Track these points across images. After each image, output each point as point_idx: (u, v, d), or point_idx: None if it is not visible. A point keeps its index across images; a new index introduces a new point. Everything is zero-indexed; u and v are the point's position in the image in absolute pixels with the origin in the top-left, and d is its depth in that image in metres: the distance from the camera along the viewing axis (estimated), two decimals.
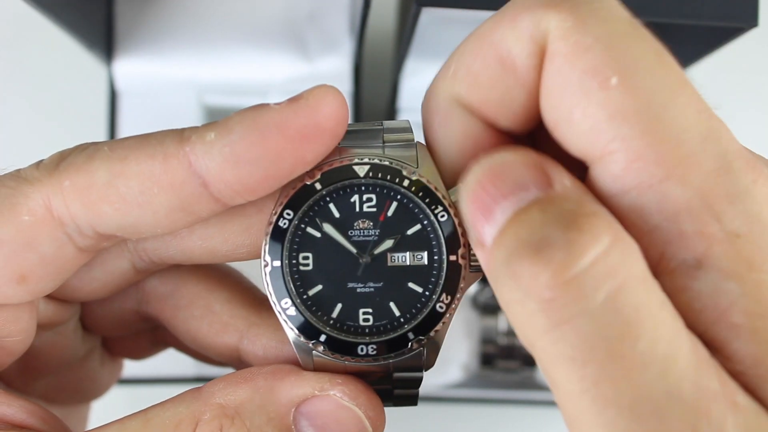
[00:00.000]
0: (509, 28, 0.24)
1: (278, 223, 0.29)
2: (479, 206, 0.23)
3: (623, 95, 0.22)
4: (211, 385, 0.28)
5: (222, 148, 0.26)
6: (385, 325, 0.29)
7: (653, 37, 0.25)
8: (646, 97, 0.23)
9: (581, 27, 0.23)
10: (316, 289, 0.29)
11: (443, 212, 0.29)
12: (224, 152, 0.26)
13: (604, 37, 0.23)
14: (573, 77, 0.23)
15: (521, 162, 0.23)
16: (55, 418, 0.30)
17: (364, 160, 0.29)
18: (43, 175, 0.27)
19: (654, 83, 0.23)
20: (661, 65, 0.24)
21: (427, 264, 0.29)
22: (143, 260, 0.31)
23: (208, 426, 0.27)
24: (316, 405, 0.28)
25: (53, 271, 0.28)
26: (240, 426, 0.27)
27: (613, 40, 0.23)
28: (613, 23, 0.23)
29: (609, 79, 0.23)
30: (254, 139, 0.25)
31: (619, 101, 0.22)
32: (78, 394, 0.38)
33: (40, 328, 0.31)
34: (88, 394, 0.39)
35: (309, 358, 0.29)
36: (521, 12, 0.24)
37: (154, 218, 0.27)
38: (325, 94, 0.26)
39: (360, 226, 0.29)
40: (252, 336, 0.32)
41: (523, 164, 0.23)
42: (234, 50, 0.66)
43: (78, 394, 0.38)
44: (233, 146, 0.25)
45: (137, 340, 0.39)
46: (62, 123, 0.72)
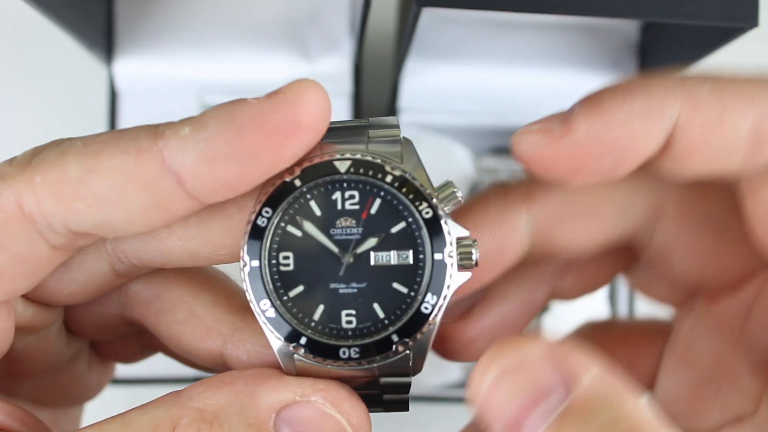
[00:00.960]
0: None
1: (257, 222, 0.28)
2: (503, 418, 0.23)
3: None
4: (191, 388, 0.28)
5: (197, 144, 0.25)
6: (369, 327, 0.28)
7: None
8: None
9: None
10: (297, 290, 0.28)
11: (428, 209, 0.27)
12: (199, 148, 0.25)
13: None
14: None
15: (541, 357, 0.24)
16: (36, 420, 0.29)
17: (345, 155, 0.28)
18: (15, 171, 0.26)
19: None
20: None
21: (412, 263, 0.28)
22: (123, 263, 0.31)
23: (186, 431, 0.26)
24: (298, 411, 0.27)
25: (26, 269, 0.27)
26: (218, 431, 0.26)
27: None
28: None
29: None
30: (230, 134, 0.25)
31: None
32: (66, 396, 0.37)
33: (22, 332, 0.31)
34: (78, 397, 0.38)
35: (291, 362, 0.28)
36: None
37: (128, 216, 0.26)
38: (305, 89, 0.25)
39: (342, 225, 0.28)
40: (236, 341, 0.31)
41: (544, 360, 0.24)
42: (234, 50, 0.66)
43: (66, 397, 0.37)
44: (208, 142, 0.25)
45: (125, 344, 0.39)
46: (62, 123, 0.72)
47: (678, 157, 0.27)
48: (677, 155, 0.27)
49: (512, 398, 0.24)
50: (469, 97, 0.69)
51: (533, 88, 0.69)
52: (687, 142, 0.26)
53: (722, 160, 0.26)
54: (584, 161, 0.26)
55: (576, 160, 0.26)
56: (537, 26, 0.68)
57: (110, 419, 0.27)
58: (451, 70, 0.68)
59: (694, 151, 0.26)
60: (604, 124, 0.26)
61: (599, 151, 0.26)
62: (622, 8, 0.46)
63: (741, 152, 0.26)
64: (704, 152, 0.26)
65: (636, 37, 0.69)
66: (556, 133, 0.26)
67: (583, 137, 0.26)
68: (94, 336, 0.36)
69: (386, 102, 0.74)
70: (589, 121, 0.26)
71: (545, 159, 0.27)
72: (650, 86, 0.26)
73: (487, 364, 0.25)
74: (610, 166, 0.26)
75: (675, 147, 0.26)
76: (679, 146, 0.26)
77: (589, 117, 0.26)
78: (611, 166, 0.26)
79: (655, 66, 0.67)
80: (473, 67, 0.68)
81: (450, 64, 0.68)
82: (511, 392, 0.24)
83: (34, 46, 0.72)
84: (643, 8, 0.46)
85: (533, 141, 0.27)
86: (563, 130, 0.26)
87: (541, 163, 0.27)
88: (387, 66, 0.75)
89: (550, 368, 0.24)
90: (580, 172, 0.27)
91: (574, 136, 0.26)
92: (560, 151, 0.26)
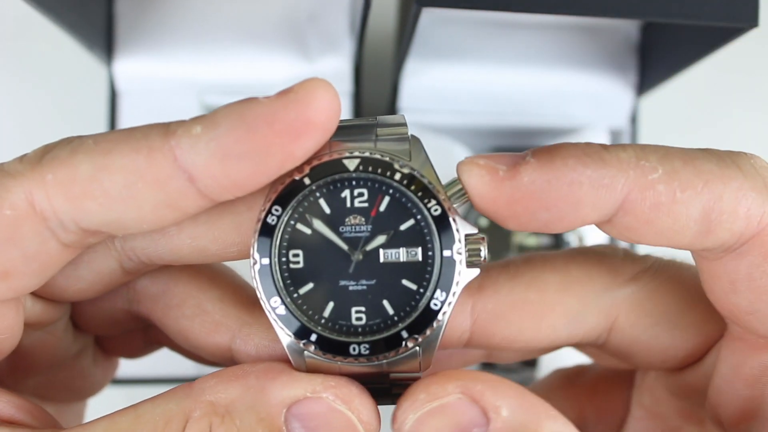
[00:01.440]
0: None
1: (267, 220, 0.28)
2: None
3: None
4: (202, 381, 0.28)
5: (208, 143, 0.25)
6: (379, 324, 0.28)
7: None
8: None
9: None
10: (307, 287, 0.28)
11: (437, 206, 0.28)
12: (210, 146, 0.25)
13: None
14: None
15: (460, 396, 0.26)
16: (45, 413, 0.29)
17: (354, 153, 0.28)
18: (26, 168, 0.26)
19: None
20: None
21: (421, 260, 0.28)
22: (131, 260, 0.31)
23: (198, 424, 0.27)
24: (308, 407, 0.27)
25: (37, 267, 0.28)
26: (230, 425, 0.27)
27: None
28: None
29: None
30: (242, 133, 0.25)
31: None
32: (71, 391, 0.38)
33: (29, 328, 0.31)
34: (82, 392, 0.38)
35: (301, 359, 0.28)
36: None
37: (139, 214, 0.26)
38: (316, 88, 0.25)
39: (351, 222, 0.28)
40: (244, 335, 0.31)
41: (463, 397, 0.26)
42: (234, 50, 0.66)
43: (71, 392, 0.38)
44: (220, 140, 0.25)
45: (130, 338, 0.39)
46: (63, 123, 0.72)
47: (623, 230, 0.27)
48: (623, 228, 0.27)
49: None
50: (469, 97, 0.69)
51: (533, 88, 0.69)
52: (634, 219, 0.26)
53: (669, 239, 0.26)
54: (521, 209, 0.26)
55: (513, 206, 0.26)
56: (537, 26, 0.68)
57: (123, 411, 0.28)
58: (451, 70, 0.68)
59: (640, 227, 0.26)
60: (550, 180, 0.26)
61: (538, 204, 0.26)
62: (622, 8, 0.46)
63: (689, 234, 0.26)
64: (651, 231, 0.26)
65: (636, 37, 0.69)
66: (500, 174, 0.26)
67: (525, 186, 0.26)
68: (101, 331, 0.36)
69: (386, 102, 0.74)
70: (536, 172, 0.26)
71: (484, 196, 0.27)
72: (606, 156, 0.26)
73: (408, 407, 0.27)
74: (546, 221, 0.26)
75: (620, 221, 0.26)
76: (625, 222, 0.26)
77: (537, 169, 0.26)
78: (548, 222, 0.26)
79: (655, 66, 0.67)
80: (473, 67, 0.68)
81: (450, 64, 0.68)
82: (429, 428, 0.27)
83: (34, 47, 0.72)
84: (643, 8, 0.46)
85: (476, 174, 0.27)
86: (507, 174, 0.26)
87: (479, 199, 0.27)
88: (387, 66, 0.75)
89: (469, 405, 0.26)
90: (514, 218, 0.27)
91: (516, 182, 0.26)
92: (499, 193, 0.26)
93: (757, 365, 0.28)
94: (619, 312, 0.30)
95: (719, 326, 0.30)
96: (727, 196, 0.26)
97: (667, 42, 0.64)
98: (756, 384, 0.28)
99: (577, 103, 0.69)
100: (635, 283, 0.30)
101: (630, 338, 0.31)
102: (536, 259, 0.31)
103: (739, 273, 0.27)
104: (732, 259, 0.27)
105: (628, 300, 0.30)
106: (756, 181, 0.26)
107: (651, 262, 0.31)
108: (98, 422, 0.27)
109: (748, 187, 0.26)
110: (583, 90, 0.68)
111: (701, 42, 0.55)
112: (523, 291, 0.30)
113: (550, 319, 0.30)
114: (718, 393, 0.30)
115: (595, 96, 0.69)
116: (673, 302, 0.30)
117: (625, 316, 0.30)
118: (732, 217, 0.26)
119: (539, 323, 0.30)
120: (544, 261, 0.31)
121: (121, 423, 0.27)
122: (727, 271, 0.27)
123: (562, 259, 0.31)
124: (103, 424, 0.27)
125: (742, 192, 0.26)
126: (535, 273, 0.30)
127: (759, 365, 0.28)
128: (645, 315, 0.30)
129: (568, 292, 0.30)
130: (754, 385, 0.29)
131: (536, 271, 0.30)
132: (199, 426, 0.27)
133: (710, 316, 0.30)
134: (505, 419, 0.26)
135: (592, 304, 0.30)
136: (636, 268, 0.31)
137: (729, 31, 0.49)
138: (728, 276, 0.27)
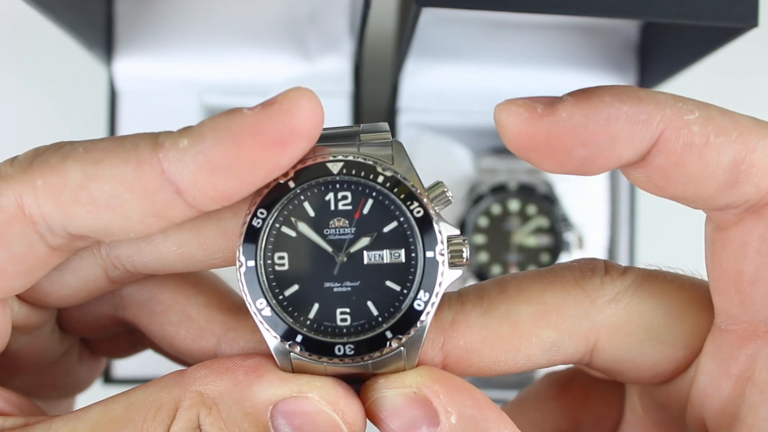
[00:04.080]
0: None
1: (252, 223, 0.28)
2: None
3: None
4: (194, 370, 0.28)
5: (195, 156, 0.25)
6: (363, 325, 0.28)
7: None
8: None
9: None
10: (292, 289, 0.29)
11: (419, 208, 0.28)
12: (197, 160, 0.25)
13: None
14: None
15: (412, 395, 0.28)
16: (34, 406, 0.30)
17: (338, 157, 0.28)
18: (17, 171, 0.27)
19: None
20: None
21: (405, 261, 0.28)
22: (117, 268, 0.31)
23: (186, 413, 0.27)
24: (295, 405, 0.28)
25: (24, 268, 0.28)
26: (216, 417, 0.27)
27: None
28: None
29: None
30: (228, 146, 0.25)
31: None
32: (57, 389, 0.38)
33: (16, 332, 0.31)
34: (68, 390, 0.39)
35: (287, 360, 0.28)
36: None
37: (127, 222, 0.27)
38: (299, 97, 0.25)
39: (335, 225, 0.29)
40: (229, 340, 0.32)
41: (411, 401, 0.28)
42: (234, 50, 0.66)
43: (57, 390, 0.38)
44: (206, 153, 0.25)
45: (116, 340, 0.39)
46: (62, 123, 0.72)
47: (654, 172, 0.27)
48: (654, 170, 0.27)
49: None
50: (469, 97, 0.69)
51: (533, 88, 0.69)
52: (666, 158, 0.26)
53: (697, 186, 0.26)
54: (559, 146, 0.26)
55: (551, 143, 0.26)
56: (537, 26, 0.68)
57: (115, 397, 0.28)
58: (451, 70, 0.68)
59: (671, 169, 0.26)
60: (587, 115, 0.26)
61: (576, 140, 0.26)
62: (622, 8, 0.46)
63: (717, 183, 0.26)
64: (681, 173, 0.26)
65: (636, 37, 0.69)
66: (539, 111, 0.26)
67: (563, 121, 0.26)
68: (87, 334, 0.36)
69: (386, 102, 0.74)
70: (573, 108, 0.26)
71: (522, 134, 0.26)
72: (642, 95, 0.26)
73: (369, 386, 0.29)
74: (583, 159, 0.26)
75: (653, 161, 0.26)
76: (658, 161, 0.26)
77: (575, 105, 0.26)
78: (585, 160, 0.26)
79: (655, 66, 0.67)
80: (473, 67, 0.68)
81: (450, 64, 0.68)
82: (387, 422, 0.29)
83: (34, 47, 0.72)
84: (643, 8, 0.46)
85: (514, 112, 0.27)
86: (545, 111, 0.26)
87: (517, 137, 0.27)
88: (387, 66, 0.75)
89: (421, 403, 0.28)
90: (552, 156, 0.27)
91: (554, 118, 0.26)
92: (537, 129, 0.26)
93: (743, 358, 0.28)
94: (599, 335, 0.30)
95: (706, 336, 0.30)
96: (760, 149, 0.25)
97: (667, 42, 0.64)
98: (740, 379, 0.28)
99: None
100: (615, 304, 0.30)
101: (613, 358, 0.30)
102: (511, 289, 0.30)
103: (754, 235, 0.27)
104: (750, 219, 0.27)
105: (607, 323, 0.30)
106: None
107: (632, 278, 0.30)
108: (92, 408, 0.28)
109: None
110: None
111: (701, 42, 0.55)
112: (496, 326, 0.30)
113: (526, 350, 0.30)
114: (703, 394, 0.30)
115: None
116: (658, 318, 0.30)
117: (606, 338, 0.30)
118: (761, 171, 0.25)
119: (514, 355, 0.30)
120: (519, 291, 0.30)
121: (114, 410, 0.27)
122: (742, 232, 0.27)
123: (538, 287, 0.30)
124: (97, 410, 0.28)
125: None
126: (509, 305, 0.30)
127: (746, 357, 0.28)
128: (627, 335, 0.30)
129: (543, 323, 0.30)
130: (738, 380, 0.28)
131: (510, 303, 0.30)
132: (187, 415, 0.27)
133: (697, 326, 0.30)
134: (453, 426, 0.27)
135: (569, 332, 0.30)
136: (616, 288, 0.30)
137: (729, 31, 0.49)
138: (741, 238, 0.27)
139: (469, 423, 0.28)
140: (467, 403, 0.28)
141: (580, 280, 0.30)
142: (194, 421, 0.27)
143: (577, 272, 0.30)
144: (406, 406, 0.28)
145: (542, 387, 0.38)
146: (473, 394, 0.28)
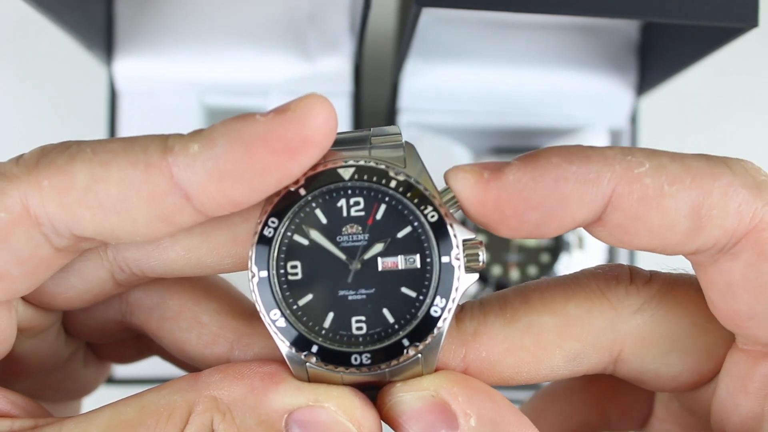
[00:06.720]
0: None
1: (263, 232, 0.28)
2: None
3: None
4: (208, 374, 0.28)
5: (205, 162, 0.25)
6: (379, 333, 0.28)
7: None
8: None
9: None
10: (306, 298, 0.28)
11: (433, 212, 0.27)
12: (208, 166, 0.25)
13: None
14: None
15: (427, 403, 0.27)
16: (41, 408, 0.29)
17: (349, 162, 0.28)
18: (23, 171, 0.26)
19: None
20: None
21: (420, 267, 0.28)
22: (123, 271, 0.30)
23: (200, 418, 0.27)
24: (310, 414, 0.27)
25: (29, 270, 0.27)
26: (230, 423, 0.27)
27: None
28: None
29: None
30: (239, 152, 0.25)
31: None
32: (62, 392, 0.38)
33: (21, 335, 0.31)
34: (74, 393, 0.38)
35: (302, 370, 0.28)
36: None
37: (133, 226, 0.26)
38: (313, 105, 0.25)
39: (348, 231, 0.28)
40: (243, 346, 0.31)
41: (429, 405, 0.27)
42: (234, 50, 0.66)
43: (62, 393, 0.38)
44: (217, 160, 0.25)
45: (122, 346, 0.39)
46: (62, 123, 0.72)
47: (614, 229, 0.26)
48: (613, 227, 0.26)
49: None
50: (469, 97, 0.69)
51: (533, 88, 0.69)
52: (623, 214, 0.26)
53: (661, 237, 0.26)
54: (510, 211, 0.26)
55: (501, 208, 0.26)
56: (537, 26, 0.68)
57: (127, 400, 0.28)
58: (451, 70, 0.68)
59: (630, 224, 0.26)
60: (535, 178, 0.25)
61: (526, 204, 0.26)
62: (622, 8, 0.46)
63: (680, 231, 0.26)
64: (641, 228, 0.26)
65: (636, 37, 0.69)
66: (485, 176, 0.26)
67: (511, 186, 0.26)
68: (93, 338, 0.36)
69: (386, 102, 0.74)
70: (520, 172, 0.26)
71: (472, 200, 0.26)
72: (590, 153, 0.26)
73: (387, 390, 0.29)
74: (537, 223, 0.26)
75: (610, 218, 0.26)
76: (615, 218, 0.26)
77: (521, 168, 0.26)
78: (538, 223, 0.26)
79: (655, 66, 0.67)
80: (473, 67, 0.68)
81: (450, 64, 0.68)
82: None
83: (34, 47, 0.72)
84: (643, 8, 0.46)
85: (461, 178, 0.27)
86: (492, 176, 0.26)
87: (467, 204, 0.27)
88: (387, 66, 0.75)
89: (440, 406, 0.28)
90: (505, 221, 0.26)
91: (501, 182, 0.26)
92: (486, 195, 0.26)
93: (758, 377, 0.28)
94: (623, 346, 0.29)
95: (731, 345, 0.30)
96: (716, 191, 0.25)
97: (667, 42, 0.64)
98: (757, 396, 0.28)
99: (577, 103, 0.69)
100: (641, 314, 0.29)
101: (638, 368, 0.30)
102: (534, 299, 0.30)
103: (735, 275, 0.26)
104: (726, 260, 0.26)
105: (632, 333, 0.29)
106: (746, 178, 0.25)
107: (658, 286, 0.29)
108: (103, 410, 0.27)
109: (739, 184, 0.25)
110: (583, 90, 0.68)
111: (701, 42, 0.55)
112: (518, 338, 0.29)
113: (549, 361, 0.29)
114: (722, 408, 0.29)
115: (595, 96, 0.69)
116: (683, 328, 0.29)
117: (630, 349, 0.29)
118: (723, 213, 0.25)
119: (537, 366, 0.29)
120: (543, 301, 0.30)
121: (126, 413, 0.27)
122: (722, 274, 0.27)
123: (561, 296, 0.30)
124: (108, 413, 0.27)
125: (733, 188, 0.25)
126: (532, 316, 0.29)
127: (761, 376, 0.28)
128: (652, 346, 0.29)
129: (567, 335, 0.29)
130: (756, 398, 0.28)
131: (533, 314, 0.29)
132: (201, 420, 0.27)
133: (723, 337, 0.29)
134: (472, 429, 0.27)
135: (593, 344, 0.29)
136: (641, 297, 0.29)
137: (729, 31, 0.49)
138: (724, 279, 0.27)
139: (489, 425, 0.27)
140: (487, 406, 0.27)
141: (604, 290, 0.29)
142: (208, 426, 0.27)
143: (602, 281, 0.30)
144: (424, 410, 0.27)
145: (571, 379, 0.38)
146: (493, 396, 0.28)
